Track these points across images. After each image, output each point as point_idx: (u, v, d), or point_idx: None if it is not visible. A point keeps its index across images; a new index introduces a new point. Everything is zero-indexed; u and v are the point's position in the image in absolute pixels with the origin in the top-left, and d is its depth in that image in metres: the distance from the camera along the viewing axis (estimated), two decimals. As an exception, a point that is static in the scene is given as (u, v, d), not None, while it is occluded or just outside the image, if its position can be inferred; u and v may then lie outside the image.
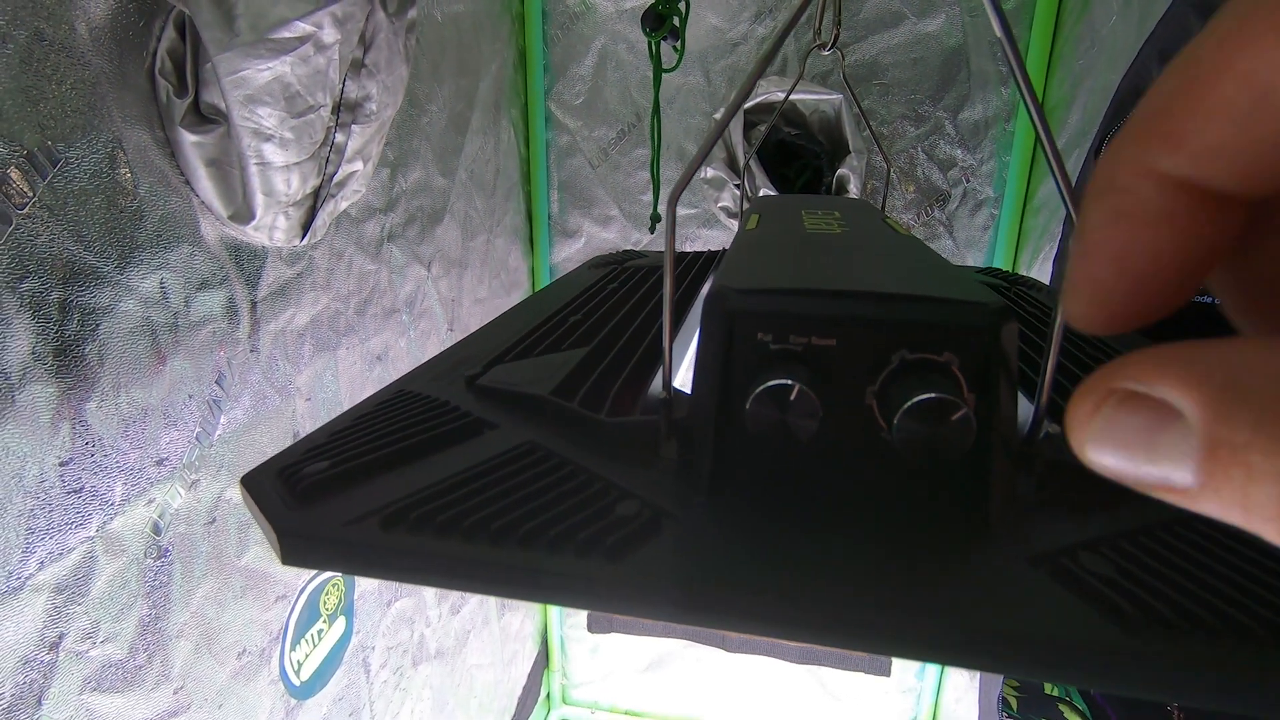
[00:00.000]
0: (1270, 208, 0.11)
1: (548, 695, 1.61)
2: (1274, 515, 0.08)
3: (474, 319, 1.08)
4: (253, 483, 0.22)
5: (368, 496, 0.20)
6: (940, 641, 0.15)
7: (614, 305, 0.38)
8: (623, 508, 0.19)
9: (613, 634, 1.56)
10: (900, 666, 1.46)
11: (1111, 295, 0.11)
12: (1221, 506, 0.08)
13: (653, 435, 0.22)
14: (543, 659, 1.56)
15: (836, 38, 0.73)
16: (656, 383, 0.27)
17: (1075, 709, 0.90)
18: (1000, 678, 1.02)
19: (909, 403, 0.18)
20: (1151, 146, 0.10)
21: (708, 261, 0.49)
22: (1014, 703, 1.17)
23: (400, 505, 0.19)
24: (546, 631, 1.57)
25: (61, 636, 0.45)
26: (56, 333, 0.44)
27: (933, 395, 0.18)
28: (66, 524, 0.45)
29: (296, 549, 0.19)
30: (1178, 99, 0.10)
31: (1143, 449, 0.09)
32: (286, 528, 0.19)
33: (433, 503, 0.20)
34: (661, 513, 0.19)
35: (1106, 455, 0.10)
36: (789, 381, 0.18)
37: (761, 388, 0.19)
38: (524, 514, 0.19)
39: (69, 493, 0.45)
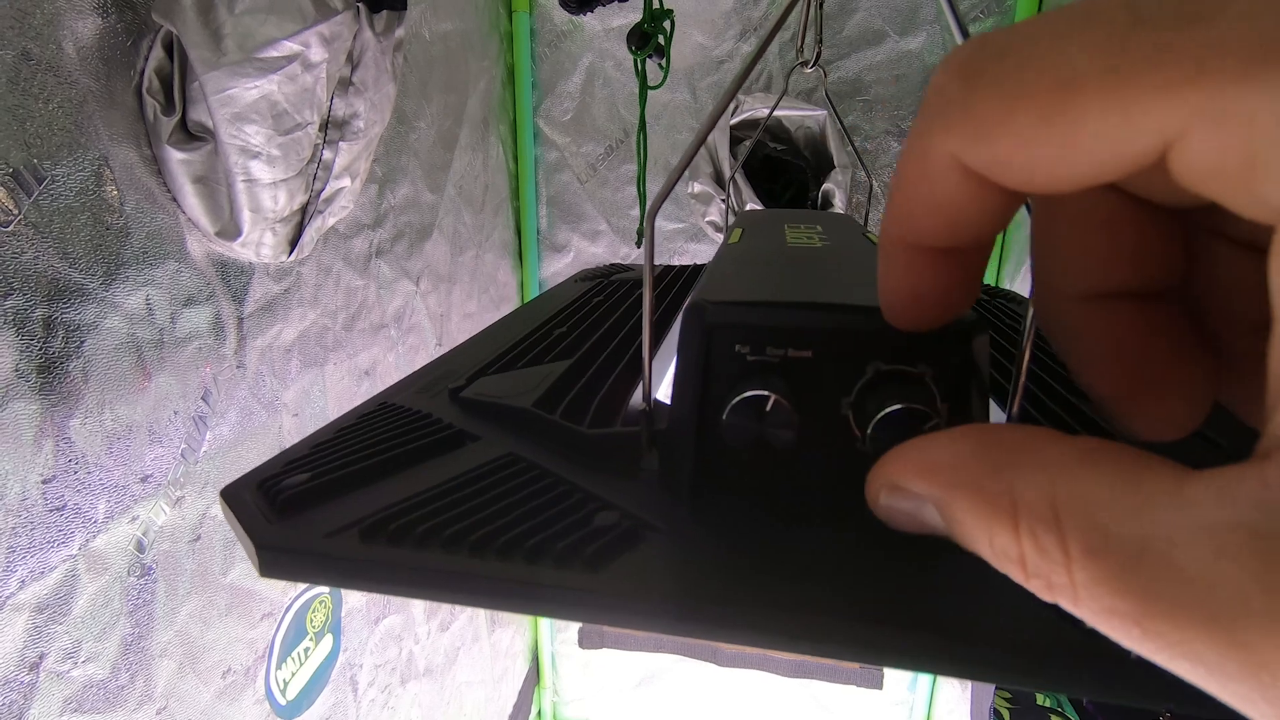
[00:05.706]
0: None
1: (539, 713, 1.59)
2: (985, 546, 0.12)
3: (463, 333, 1.08)
4: (232, 495, 0.22)
5: (348, 508, 0.20)
6: (927, 653, 0.15)
7: (598, 318, 0.39)
8: (602, 518, 0.19)
9: (604, 649, 1.55)
10: (892, 679, 1.45)
11: (906, 301, 0.16)
12: (972, 548, 0.13)
13: (634, 447, 0.22)
14: (534, 676, 1.55)
15: (819, 56, 0.75)
16: (638, 395, 0.27)
17: (1066, 719, 0.90)
18: (992, 689, 1.02)
19: (883, 413, 0.18)
20: (899, 227, 0.14)
21: (692, 275, 0.50)
22: (1006, 714, 1.17)
23: (380, 517, 0.19)
24: (537, 648, 1.55)
25: (42, 656, 0.45)
26: (40, 350, 0.43)
27: (906, 406, 0.18)
28: (48, 542, 0.45)
29: (275, 561, 0.19)
30: (905, 189, 0.14)
31: (913, 520, 0.14)
32: (264, 540, 0.19)
33: (412, 514, 0.20)
34: (641, 523, 0.19)
35: (895, 521, 0.15)
36: (765, 393, 0.19)
37: (738, 399, 0.19)
38: (503, 525, 0.19)
39: (51, 510, 0.45)
